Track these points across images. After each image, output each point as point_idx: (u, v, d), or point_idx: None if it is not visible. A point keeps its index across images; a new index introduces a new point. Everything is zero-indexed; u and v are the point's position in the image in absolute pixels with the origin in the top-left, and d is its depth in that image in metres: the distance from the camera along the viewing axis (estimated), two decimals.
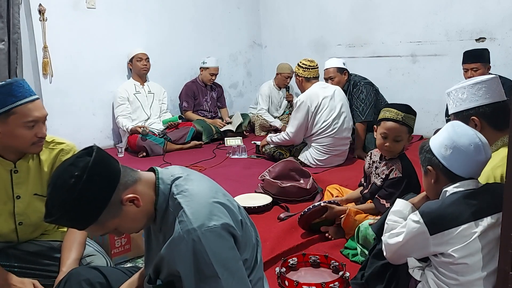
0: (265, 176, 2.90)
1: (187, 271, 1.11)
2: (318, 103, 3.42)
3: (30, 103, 1.54)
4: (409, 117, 2.15)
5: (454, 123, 1.49)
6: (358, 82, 3.89)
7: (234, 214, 1.20)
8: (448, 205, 1.37)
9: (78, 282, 1.41)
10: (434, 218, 1.36)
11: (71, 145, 1.77)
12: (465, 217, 1.34)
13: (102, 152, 1.12)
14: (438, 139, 1.46)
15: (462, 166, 1.41)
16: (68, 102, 4.13)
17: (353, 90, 3.89)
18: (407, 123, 2.14)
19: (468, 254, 1.33)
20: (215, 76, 4.87)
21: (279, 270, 1.89)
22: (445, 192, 1.44)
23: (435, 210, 1.38)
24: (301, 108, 3.44)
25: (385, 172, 2.21)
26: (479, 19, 3.94)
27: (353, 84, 3.91)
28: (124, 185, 1.13)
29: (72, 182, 1.05)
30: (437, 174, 1.45)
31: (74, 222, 1.11)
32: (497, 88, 1.70)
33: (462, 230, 1.33)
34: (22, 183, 1.66)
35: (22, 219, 1.69)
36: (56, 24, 3.95)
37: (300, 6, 5.32)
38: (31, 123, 1.54)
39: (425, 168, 1.49)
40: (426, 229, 1.36)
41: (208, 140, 4.58)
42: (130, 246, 2.14)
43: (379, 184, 2.23)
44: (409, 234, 1.40)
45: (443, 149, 1.42)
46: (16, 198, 1.66)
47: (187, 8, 5.03)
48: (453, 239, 1.34)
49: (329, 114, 3.44)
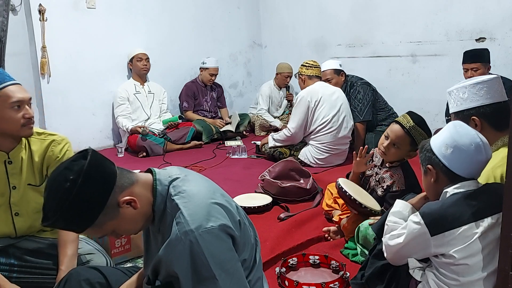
0: (265, 176, 2.90)
1: (184, 272, 1.10)
2: (318, 99, 3.46)
3: (12, 86, 1.59)
4: (417, 130, 2.06)
5: (456, 122, 1.48)
6: (355, 83, 3.92)
7: (232, 214, 1.19)
8: (449, 206, 1.37)
9: (78, 282, 1.41)
10: (435, 219, 1.36)
11: (62, 137, 1.79)
12: (466, 218, 1.34)
13: (97, 155, 1.12)
14: (439, 138, 1.45)
15: (462, 166, 1.40)
16: (68, 102, 4.13)
17: (350, 90, 3.92)
18: (412, 134, 2.06)
19: (469, 255, 1.33)
20: (214, 77, 4.87)
21: (279, 270, 1.88)
22: (445, 193, 1.43)
23: (436, 211, 1.37)
24: (301, 103, 3.49)
25: (386, 183, 2.15)
26: (479, 19, 3.94)
27: (350, 85, 3.95)
28: (121, 188, 1.12)
29: (67, 186, 1.04)
30: (437, 174, 1.45)
31: (71, 225, 1.11)
32: (498, 88, 1.70)
33: (463, 231, 1.33)
34: (16, 174, 1.68)
35: (18, 210, 1.70)
36: (56, 24, 3.95)
37: (300, 6, 5.32)
38: (16, 104, 1.58)
39: (425, 167, 1.49)
40: (427, 230, 1.35)
41: (208, 140, 4.59)
42: (130, 246, 2.14)
43: (380, 195, 2.17)
44: (410, 235, 1.40)
45: (444, 148, 1.42)
46: (12, 189, 1.68)
47: (187, 8, 5.03)
48: (454, 240, 1.33)
49: (328, 111, 3.47)
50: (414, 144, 2.06)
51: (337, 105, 3.51)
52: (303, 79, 3.64)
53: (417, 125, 2.07)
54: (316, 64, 3.63)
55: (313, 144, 3.55)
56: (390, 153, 2.11)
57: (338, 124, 3.49)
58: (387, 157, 2.14)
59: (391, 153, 2.11)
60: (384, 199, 2.15)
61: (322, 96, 3.48)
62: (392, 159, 2.14)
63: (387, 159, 2.16)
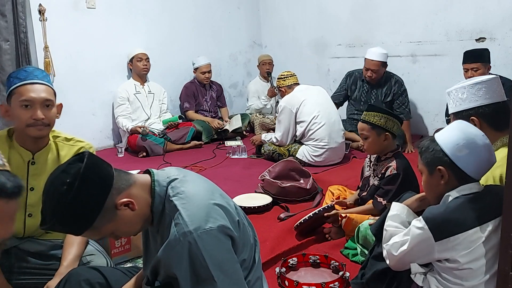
0: (265, 176, 2.90)
1: (183, 273, 1.11)
2: (299, 102, 3.57)
3: (30, 85, 1.61)
4: (369, 115, 2.24)
5: (463, 122, 1.45)
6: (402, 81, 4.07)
7: (231, 215, 1.19)
8: (453, 210, 1.35)
9: (77, 282, 1.41)
10: (438, 224, 1.33)
11: (90, 145, 1.82)
12: (470, 223, 1.32)
13: (94, 158, 1.12)
14: (451, 139, 1.40)
15: (475, 167, 1.38)
16: (68, 102, 4.11)
17: (401, 88, 4.02)
18: (366, 120, 2.24)
19: (474, 259, 1.32)
20: (208, 74, 4.83)
21: (279, 270, 1.89)
22: (447, 197, 1.41)
23: (440, 216, 1.35)
24: (283, 112, 3.63)
25: (381, 172, 2.23)
26: (479, 19, 3.93)
27: (394, 83, 4.02)
28: (118, 190, 1.12)
29: (64, 189, 1.04)
30: (448, 175, 1.41)
31: (69, 228, 1.12)
32: (497, 88, 1.70)
33: (468, 236, 1.32)
34: (38, 175, 1.69)
35: (32, 211, 1.70)
36: (56, 24, 3.95)
37: (300, 6, 5.31)
38: (25, 103, 1.60)
39: (433, 168, 1.43)
40: (431, 235, 1.33)
41: (208, 140, 4.59)
42: (130, 246, 2.14)
43: (377, 184, 2.25)
44: (414, 240, 1.37)
45: (457, 150, 1.38)
46: (30, 190, 1.69)
47: (187, 8, 5.03)
48: (459, 245, 1.32)
49: (313, 107, 3.54)
50: (376, 127, 2.21)
51: (320, 99, 3.63)
52: (283, 90, 3.76)
53: (367, 110, 2.27)
54: (291, 73, 3.78)
55: (308, 144, 3.58)
56: (368, 145, 2.28)
57: (327, 116, 3.54)
58: (368, 151, 2.32)
59: (368, 145, 2.28)
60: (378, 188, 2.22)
61: (302, 97, 3.57)
62: (372, 151, 2.31)
63: (369, 153, 2.36)
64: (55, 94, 1.71)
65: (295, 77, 3.79)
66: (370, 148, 2.29)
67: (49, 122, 1.65)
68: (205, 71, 4.80)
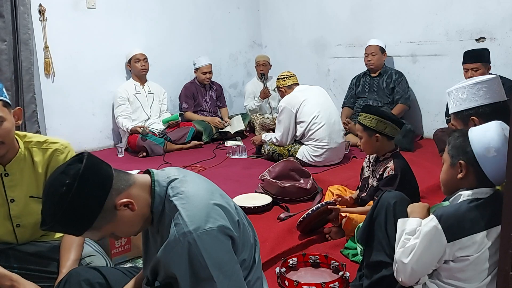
0: (265, 176, 2.90)
1: (182, 274, 1.10)
2: (299, 102, 3.56)
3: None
4: (362, 116, 2.30)
5: (504, 125, 1.40)
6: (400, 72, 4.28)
7: (231, 215, 1.19)
8: (466, 212, 1.34)
9: (77, 282, 1.41)
10: (452, 224, 1.32)
11: (65, 144, 1.72)
12: (479, 226, 1.32)
13: (93, 158, 1.12)
14: (484, 138, 1.37)
15: (497, 172, 1.34)
16: (68, 102, 4.14)
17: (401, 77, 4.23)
18: (359, 121, 2.30)
19: (479, 262, 1.32)
20: (209, 74, 4.82)
21: (279, 270, 1.88)
22: (459, 196, 1.40)
23: (453, 216, 1.33)
24: (283, 112, 3.63)
25: (380, 172, 2.23)
26: (479, 19, 3.93)
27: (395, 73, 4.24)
28: (117, 190, 1.12)
29: (64, 190, 1.05)
30: (468, 172, 1.38)
31: (69, 229, 1.12)
32: (497, 88, 1.70)
33: (477, 239, 1.32)
34: (15, 186, 1.64)
35: (19, 221, 1.68)
36: (56, 24, 3.95)
37: (300, 6, 5.31)
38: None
39: (456, 160, 1.41)
40: (444, 234, 1.32)
41: (208, 140, 4.59)
42: (130, 246, 2.14)
43: (375, 185, 2.25)
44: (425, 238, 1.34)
45: (487, 151, 1.34)
46: (11, 202, 1.65)
47: (187, 8, 5.03)
48: (468, 247, 1.32)
49: (313, 107, 3.53)
50: (367, 129, 2.26)
51: (320, 99, 3.63)
52: (283, 91, 3.76)
53: (362, 111, 2.32)
54: (291, 74, 3.78)
55: (308, 144, 3.57)
56: (363, 145, 2.33)
57: (327, 116, 3.54)
58: (365, 150, 2.36)
59: (363, 145, 2.32)
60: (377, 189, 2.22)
61: (303, 97, 3.57)
62: (368, 150, 2.35)
63: (367, 152, 2.39)
64: (9, 104, 1.54)
65: (295, 77, 3.79)
66: (364, 148, 2.34)
67: (1, 139, 1.51)
68: (206, 72, 4.79)
